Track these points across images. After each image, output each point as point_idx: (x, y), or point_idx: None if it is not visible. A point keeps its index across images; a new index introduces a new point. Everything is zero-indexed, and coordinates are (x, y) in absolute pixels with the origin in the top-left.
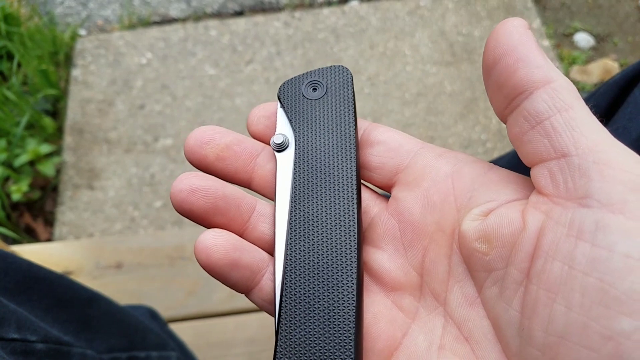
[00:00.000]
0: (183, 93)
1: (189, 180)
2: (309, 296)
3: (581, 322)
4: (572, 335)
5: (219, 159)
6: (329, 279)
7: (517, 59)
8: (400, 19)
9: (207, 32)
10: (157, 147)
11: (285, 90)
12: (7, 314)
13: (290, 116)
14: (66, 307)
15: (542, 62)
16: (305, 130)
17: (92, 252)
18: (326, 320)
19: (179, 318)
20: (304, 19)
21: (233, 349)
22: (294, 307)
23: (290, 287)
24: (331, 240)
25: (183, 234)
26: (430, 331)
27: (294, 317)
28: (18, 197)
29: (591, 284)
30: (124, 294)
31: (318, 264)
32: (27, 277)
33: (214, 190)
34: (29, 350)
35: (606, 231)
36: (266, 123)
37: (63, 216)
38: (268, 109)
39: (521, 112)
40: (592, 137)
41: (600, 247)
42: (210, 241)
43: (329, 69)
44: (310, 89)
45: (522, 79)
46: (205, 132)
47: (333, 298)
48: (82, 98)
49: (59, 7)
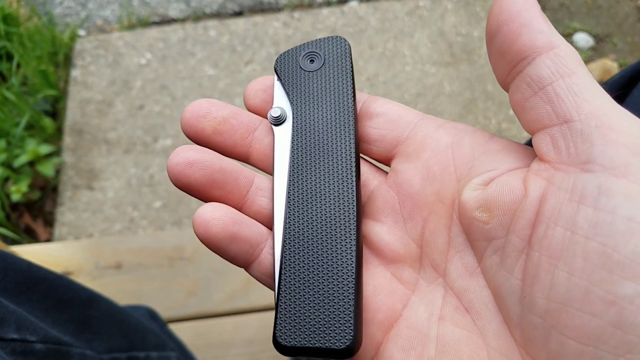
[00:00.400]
0: (182, 93)
1: (186, 154)
2: (309, 269)
3: (583, 287)
4: (574, 301)
5: (216, 132)
6: (328, 252)
7: (521, 24)
8: (399, 20)
9: (207, 33)
10: (157, 147)
11: (282, 63)
12: (6, 314)
13: (287, 89)
14: (66, 307)
15: (545, 28)
16: (303, 102)
17: (92, 252)
18: (325, 293)
19: (178, 318)
20: (303, 19)
21: (232, 349)
22: (294, 280)
23: (289, 260)
24: (330, 214)
25: (183, 235)
26: (431, 302)
27: (293, 289)
28: (18, 197)
29: (593, 249)
30: (124, 295)
31: (317, 237)
32: (27, 277)
33: (211, 163)
34: (28, 351)
35: (609, 195)
36: (263, 97)
37: (62, 217)
38: (265, 82)
39: (524, 78)
40: (594, 102)
41: (603, 211)
42: (208, 215)
43: (326, 40)
44: (308, 60)
45: (525, 45)
46: (201, 105)
47: (332, 271)
48: (81, 98)
49: (58, 8)
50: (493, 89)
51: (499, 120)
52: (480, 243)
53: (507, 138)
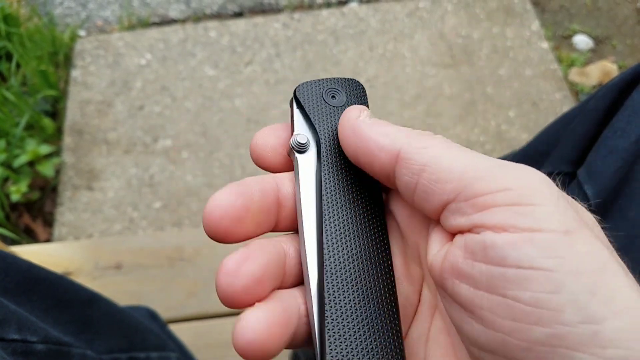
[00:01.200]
0: (183, 94)
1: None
2: (352, 310)
3: (500, 338)
4: (497, 350)
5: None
6: (370, 295)
7: (362, 147)
8: (399, 21)
9: (207, 33)
10: (157, 148)
11: (305, 92)
12: (7, 315)
13: (313, 118)
14: (66, 307)
15: (381, 139)
16: (330, 134)
17: (92, 252)
18: (371, 335)
19: (178, 319)
20: (303, 21)
21: (232, 349)
22: (338, 322)
23: (331, 306)
24: (365, 252)
25: (182, 235)
26: (422, 323)
27: (338, 331)
28: (17, 197)
29: (497, 301)
30: (124, 295)
31: (355, 280)
32: (27, 277)
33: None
34: (29, 351)
35: (495, 247)
36: (273, 144)
37: (62, 217)
38: (271, 140)
39: (398, 185)
40: (459, 178)
41: (493, 264)
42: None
43: (346, 80)
44: (330, 95)
45: (378, 163)
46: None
47: (375, 310)
48: (81, 99)
49: (58, 8)
50: (493, 91)
51: (498, 122)
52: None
53: (507, 139)
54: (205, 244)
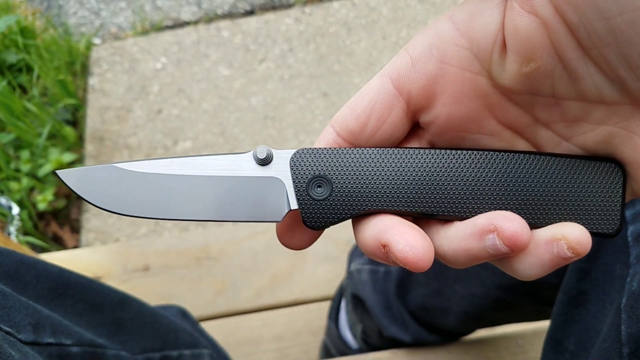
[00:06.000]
0: (199, 95)
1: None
2: None
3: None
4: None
5: None
6: None
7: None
8: (411, 8)
9: (220, 33)
10: (177, 150)
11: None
12: (41, 319)
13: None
14: (98, 310)
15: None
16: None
17: (119, 256)
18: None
19: (207, 317)
20: (315, 14)
21: (262, 345)
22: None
23: None
24: None
25: (208, 234)
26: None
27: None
28: (44, 206)
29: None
30: (153, 296)
31: None
32: (59, 283)
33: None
34: (64, 354)
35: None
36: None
37: (88, 223)
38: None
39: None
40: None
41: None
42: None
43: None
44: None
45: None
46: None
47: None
48: (100, 106)
49: (72, 18)
50: None
51: None
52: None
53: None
54: (230, 242)
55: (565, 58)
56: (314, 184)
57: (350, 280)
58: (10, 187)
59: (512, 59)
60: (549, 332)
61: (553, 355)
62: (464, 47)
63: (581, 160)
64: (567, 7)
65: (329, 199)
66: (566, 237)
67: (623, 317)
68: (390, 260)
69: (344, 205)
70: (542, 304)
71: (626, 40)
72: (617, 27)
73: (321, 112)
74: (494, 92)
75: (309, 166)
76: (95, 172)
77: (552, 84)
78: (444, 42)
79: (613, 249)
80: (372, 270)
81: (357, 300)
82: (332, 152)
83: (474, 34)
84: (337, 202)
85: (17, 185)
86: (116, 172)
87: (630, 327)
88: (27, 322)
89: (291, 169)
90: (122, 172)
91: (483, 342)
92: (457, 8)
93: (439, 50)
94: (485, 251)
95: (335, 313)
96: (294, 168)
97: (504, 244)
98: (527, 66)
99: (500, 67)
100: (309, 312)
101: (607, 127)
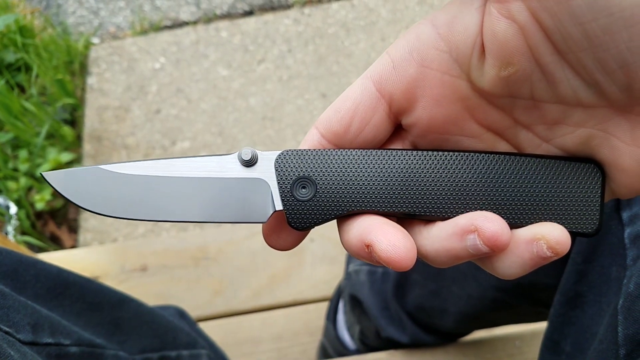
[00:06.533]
0: (198, 96)
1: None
2: None
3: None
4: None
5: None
6: None
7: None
8: (410, 9)
9: (218, 34)
10: (176, 150)
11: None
12: (40, 319)
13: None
14: (97, 310)
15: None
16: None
17: (117, 256)
18: None
19: (206, 317)
20: (314, 15)
21: (261, 345)
22: None
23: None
24: None
25: (206, 235)
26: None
27: None
28: (42, 206)
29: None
30: (151, 296)
31: None
32: (57, 282)
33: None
34: (63, 354)
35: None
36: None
37: (86, 223)
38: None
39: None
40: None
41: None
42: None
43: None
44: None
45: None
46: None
47: None
48: (98, 105)
49: (71, 17)
50: None
51: None
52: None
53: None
54: (228, 243)
55: (543, 62)
56: (299, 185)
57: (348, 281)
58: (8, 187)
59: (491, 63)
60: (546, 333)
61: (550, 356)
62: (444, 50)
63: (561, 161)
64: (543, 13)
65: (313, 200)
66: (545, 237)
67: (620, 319)
68: (374, 260)
69: (328, 206)
70: (538, 305)
71: (601, 45)
72: (592, 32)
73: (320, 113)
74: (473, 95)
75: (294, 167)
76: (81, 174)
77: (531, 88)
78: (424, 45)
79: (610, 251)
80: (370, 271)
81: (354, 301)
82: (316, 153)
83: (454, 37)
84: (322, 203)
85: (15, 185)
86: (101, 174)
87: (626, 328)
88: (26, 322)
89: (276, 170)
90: (107, 174)
91: (480, 343)
92: (439, 12)
93: (420, 54)
94: (466, 251)
95: (333, 314)
96: (279, 169)
97: (484, 244)
98: (505, 70)
99: (479, 70)
100: (308, 313)
101: (585, 129)
